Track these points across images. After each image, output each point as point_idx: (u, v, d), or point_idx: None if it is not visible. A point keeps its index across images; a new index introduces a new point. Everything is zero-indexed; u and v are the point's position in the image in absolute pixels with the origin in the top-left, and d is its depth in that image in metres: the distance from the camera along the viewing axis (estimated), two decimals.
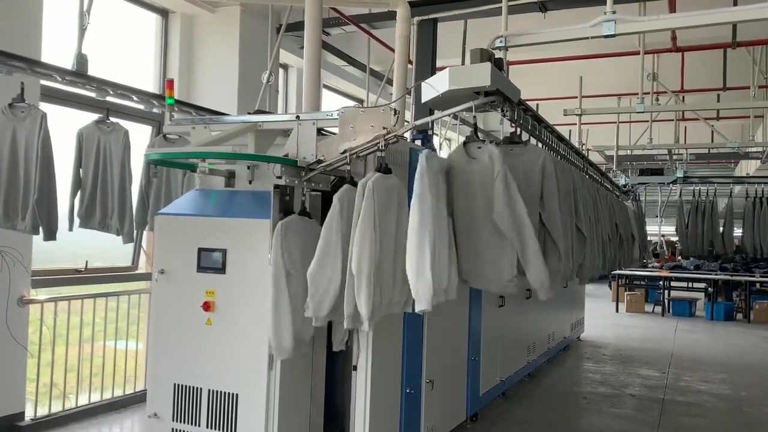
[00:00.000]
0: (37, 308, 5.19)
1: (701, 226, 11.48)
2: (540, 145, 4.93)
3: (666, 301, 14.58)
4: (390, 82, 6.33)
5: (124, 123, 5.51)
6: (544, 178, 3.83)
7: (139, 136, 5.92)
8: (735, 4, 6.20)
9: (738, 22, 6.58)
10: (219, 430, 3.64)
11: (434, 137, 8.77)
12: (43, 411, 5.24)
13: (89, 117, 4.60)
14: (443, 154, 9.59)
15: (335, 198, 3.36)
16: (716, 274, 14.76)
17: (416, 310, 3.22)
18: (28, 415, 5.10)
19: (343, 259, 3.30)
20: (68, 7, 4.80)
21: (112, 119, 4.53)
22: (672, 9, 6.09)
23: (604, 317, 13.47)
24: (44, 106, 4.97)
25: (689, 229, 11.65)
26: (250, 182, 3.78)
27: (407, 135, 4.24)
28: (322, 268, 3.31)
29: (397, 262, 3.42)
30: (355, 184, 3.37)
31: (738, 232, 12.51)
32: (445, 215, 3.42)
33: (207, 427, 3.68)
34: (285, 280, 3.37)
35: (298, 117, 3.75)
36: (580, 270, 4.46)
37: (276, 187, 3.55)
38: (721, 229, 11.50)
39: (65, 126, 4.62)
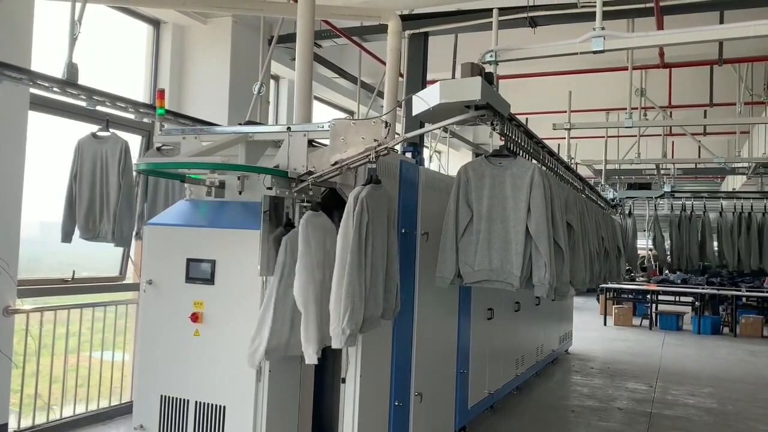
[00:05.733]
0: (23, 318, 5.14)
1: (687, 239, 11.54)
2: (529, 158, 4.96)
3: (653, 314, 14.65)
4: (381, 94, 6.35)
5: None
6: (533, 189, 3.86)
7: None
8: (721, 22, 6.30)
9: (724, 40, 6.70)
10: None
11: (425, 150, 8.81)
12: (27, 422, 5.17)
13: (79, 126, 4.61)
14: (433, 166, 9.63)
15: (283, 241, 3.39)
16: (703, 288, 14.86)
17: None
18: (12, 426, 5.03)
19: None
20: (59, 16, 4.79)
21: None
22: (660, 26, 6.17)
23: (592, 330, 13.51)
24: (33, 115, 4.98)
25: (674, 243, 11.71)
26: (240, 193, 3.78)
27: (398, 147, 4.26)
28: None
29: (387, 272, 3.48)
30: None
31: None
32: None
33: None
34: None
35: (289, 128, 3.75)
36: (561, 284, 4.44)
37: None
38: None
39: (55, 135, 4.62)
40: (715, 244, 11.41)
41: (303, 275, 3.28)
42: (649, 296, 14.89)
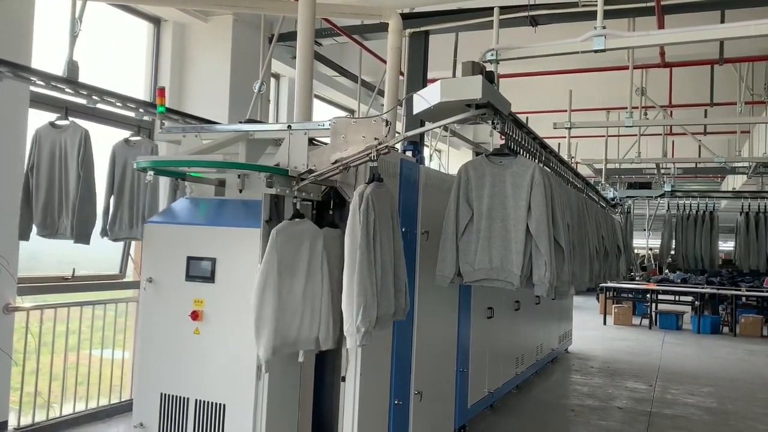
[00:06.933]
0: (23, 316, 5.14)
1: (690, 239, 11.53)
2: (529, 157, 4.96)
3: (653, 314, 14.65)
4: (381, 93, 6.35)
5: (114, 131, 5.52)
6: (533, 188, 3.86)
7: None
8: (722, 21, 6.29)
9: (725, 39, 6.70)
10: None
11: (425, 148, 8.81)
12: (26, 420, 5.17)
13: (79, 124, 4.59)
14: (433, 165, 9.61)
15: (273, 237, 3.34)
16: (703, 288, 14.86)
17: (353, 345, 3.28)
18: (12, 424, 5.04)
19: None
20: (60, 14, 4.79)
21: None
22: (661, 25, 6.17)
23: (591, 330, 13.52)
24: (33, 113, 4.98)
25: (677, 243, 11.70)
26: (241, 191, 3.78)
27: (398, 146, 4.26)
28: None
29: (395, 272, 3.51)
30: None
31: (724, 246, 12.50)
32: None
33: None
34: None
35: (289, 126, 3.75)
36: (561, 283, 4.44)
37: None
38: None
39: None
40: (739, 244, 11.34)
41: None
42: (648, 296, 14.90)
